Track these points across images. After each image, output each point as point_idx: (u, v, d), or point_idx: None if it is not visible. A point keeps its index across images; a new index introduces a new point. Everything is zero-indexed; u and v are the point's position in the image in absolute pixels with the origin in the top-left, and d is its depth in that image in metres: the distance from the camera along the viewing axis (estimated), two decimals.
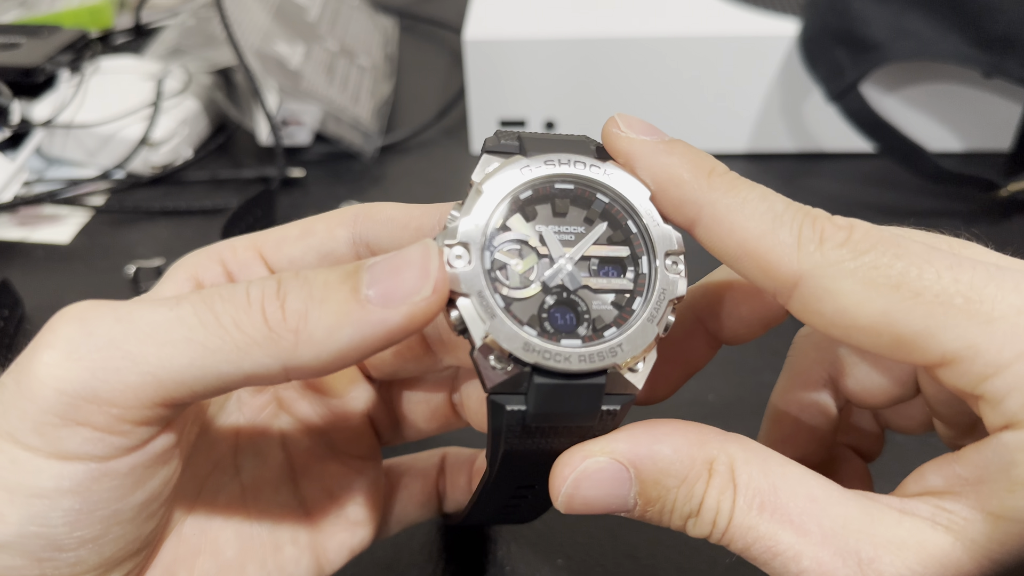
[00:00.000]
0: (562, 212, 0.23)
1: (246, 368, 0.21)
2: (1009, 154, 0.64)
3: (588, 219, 0.24)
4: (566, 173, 0.23)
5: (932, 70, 0.60)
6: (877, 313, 0.20)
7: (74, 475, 0.21)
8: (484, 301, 0.22)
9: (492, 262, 0.22)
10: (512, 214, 0.23)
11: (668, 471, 0.22)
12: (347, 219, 0.27)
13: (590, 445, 0.23)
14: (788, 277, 0.21)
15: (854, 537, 0.21)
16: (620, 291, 0.23)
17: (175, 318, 0.21)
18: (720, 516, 0.22)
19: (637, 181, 0.23)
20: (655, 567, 0.36)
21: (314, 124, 0.64)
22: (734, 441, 0.23)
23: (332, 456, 0.32)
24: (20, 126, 0.59)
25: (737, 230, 0.21)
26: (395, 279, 0.21)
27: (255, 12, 0.66)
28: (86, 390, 0.21)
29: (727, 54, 0.61)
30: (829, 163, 0.64)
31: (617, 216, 0.24)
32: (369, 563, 0.36)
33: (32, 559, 0.22)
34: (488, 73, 0.62)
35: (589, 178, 0.23)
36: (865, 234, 0.21)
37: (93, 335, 0.21)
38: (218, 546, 0.28)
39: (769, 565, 0.21)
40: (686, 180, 0.22)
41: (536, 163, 0.23)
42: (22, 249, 0.57)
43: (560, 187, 0.23)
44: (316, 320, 0.21)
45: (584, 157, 0.24)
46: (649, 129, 0.23)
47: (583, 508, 0.23)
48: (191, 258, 0.28)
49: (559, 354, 0.21)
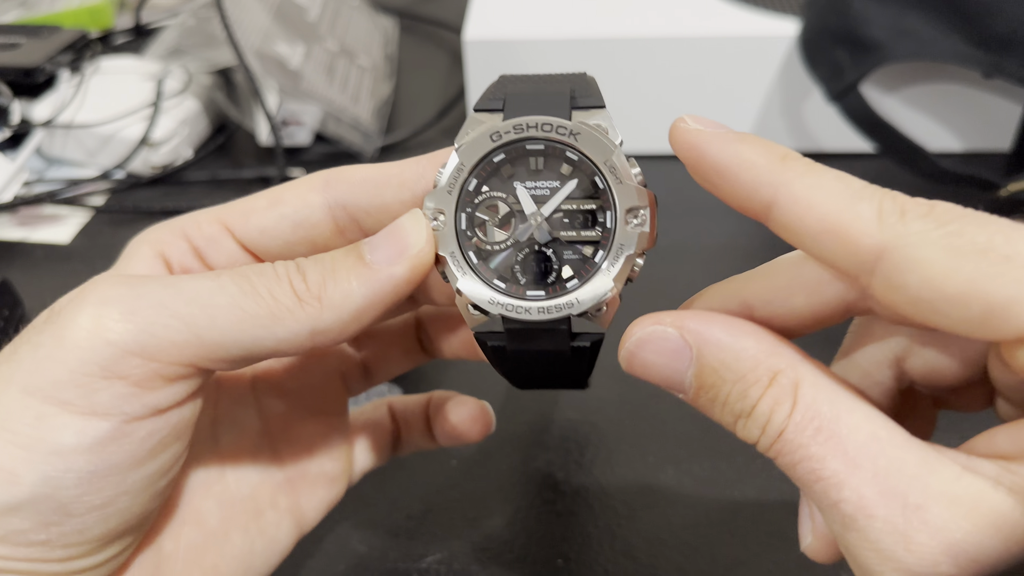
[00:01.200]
0: (536, 169, 0.25)
1: (279, 334, 0.23)
2: (1009, 154, 0.64)
3: (561, 174, 0.25)
4: (534, 137, 0.25)
5: (932, 70, 0.60)
6: (965, 281, 0.19)
7: (96, 432, 0.23)
8: (456, 260, 0.25)
9: (469, 221, 0.25)
10: (488, 176, 0.25)
11: (728, 364, 0.22)
12: (317, 184, 0.27)
13: (663, 314, 0.23)
14: (870, 250, 0.20)
15: (906, 482, 0.20)
16: (588, 242, 0.25)
17: (217, 287, 0.23)
18: (771, 425, 0.22)
19: (603, 141, 0.24)
20: (655, 567, 0.36)
21: (314, 124, 0.64)
22: (809, 364, 0.22)
23: (308, 417, 0.33)
24: (20, 126, 0.59)
25: (816, 206, 0.21)
26: (392, 241, 0.24)
27: (255, 12, 0.66)
28: (135, 343, 0.22)
29: (727, 54, 0.61)
30: (829, 163, 0.62)
31: (587, 172, 0.25)
32: (369, 564, 0.36)
33: (40, 523, 0.23)
34: (488, 73, 0.62)
35: (558, 140, 0.25)
36: (948, 208, 0.20)
37: (143, 296, 0.23)
38: (201, 516, 0.29)
39: (810, 488, 0.21)
40: (760, 164, 0.22)
41: (505, 128, 0.25)
42: (22, 249, 0.57)
43: (531, 147, 0.25)
44: (333, 287, 0.24)
45: (553, 118, 0.25)
46: (717, 124, 0.24)
47: (641, 370, 0.24)
48: (152, 233, 0.28)
49: (520, 307, 0.24)
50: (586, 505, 0.39)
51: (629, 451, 0.41)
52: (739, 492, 0.39)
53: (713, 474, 0.40)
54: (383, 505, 0.39)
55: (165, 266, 0.28)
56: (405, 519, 0.38)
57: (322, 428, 0.33)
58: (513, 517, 0.38)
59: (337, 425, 0.33)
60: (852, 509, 0.20)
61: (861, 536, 0.20)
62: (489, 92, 0.26)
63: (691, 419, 0.43)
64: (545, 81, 0.26)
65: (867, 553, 0.20)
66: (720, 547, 0.37)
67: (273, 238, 0.27)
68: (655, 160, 0.65)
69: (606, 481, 0.40)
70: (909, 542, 0.19)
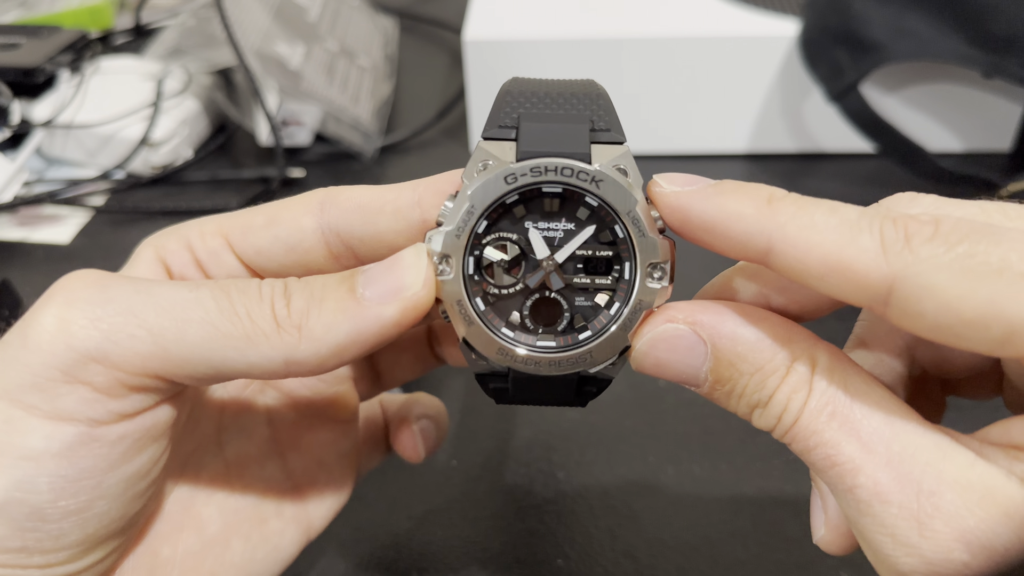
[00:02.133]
0: (551, 211, 0.24)
1: (251, 358, 0.22)
2: (1009, 154, 0.64)
3: (578, 218, 0.24)
4: (552, 181, 0.23)
5: (932, 70, 0.60)
6: (983, 303, 0.18)
7: (64, 437, 0.22)
8: (464, 309, 0.23)
9: (479, 263, 0.24)
10: (500, 217, 0.24)
11: (745, 357, 0.22)
12: (313, 207, 0.26)
13: (674, 310, 0.23)
14: (880, 283, 0.20)
15: (920, 468, 0.20)
16: (602, 291, 0.24)
17: (194, 299, 0.22)
18: (787, 414, 0.22)
19: (626, 190, 0.23)
20: (655, 567, 0.36)
21: (314, 124, 0.64)
22: (824, 347, 0.22)
23: (319, 425, 0.32)
24: (20, 126, 0.59)
25: (816, 247, 0.20)
26: (389, 278, 0.22)
27: (255, 12, 0.66)
28: (97, 350, 0.22)
29: (727, 54, 0.61)
30: (829, 163, 0.64)
31: (605, 219, 0.24)
32: (368, 564, 0.36)
33: (15, 528, 0.22)
34: (488, 73, 0.62)
35: (577, 187, 0.23)
36: (954, 226, 0.20)
37: (113, 301, 0.22)
38: (201, 522, 0.29)
39: (825, 473, 0.21)
40: (748, 213, 0.21)
41: (522, 171, 0.23)
42: (22, 249, 0.57)
43: (548, 190, 0.24)
44: (316, 317, 0.22)
45: (574, 163, 0.23)
46: (692, 179, 0.23)
47: (654, 369, 0.23)
48: (159, 239, 0.28)
49: (530, 359, 0.23)
50: (586, 505, 0.39)
51: (629, 451, 0.41)
52: (739, 492, 0.39)
53: (713, 474, 0.40)
54: (383, 505, 0.39)
55: (166, 272, 0.27)
56: (405, 519, 0.38)
57: (332, 435, 0.32)
58: (513, 517, 0.38)
59: (348, 432, 0.33)
60: (867, 495, 0.20)
61: (876, 521, 0.20)
62: (496, 112, 0.24)
63: (691, 419, 0.43)
64: (559, 101, 0.24)
65: (882, 538, 0.20)
66: (720, 547, 0.37)
67: (268, 259, 0.27)
68: (656, 160, 0.65)
69: (606, 481, 0.40)
70: (924, 528, 0.20)
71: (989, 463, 0.20)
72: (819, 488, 0.26)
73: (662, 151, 0.65)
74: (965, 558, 0.19)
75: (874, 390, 0.22)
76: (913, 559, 0.20)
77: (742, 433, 0.42)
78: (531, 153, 0.23)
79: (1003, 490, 0.20)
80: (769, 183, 0.22)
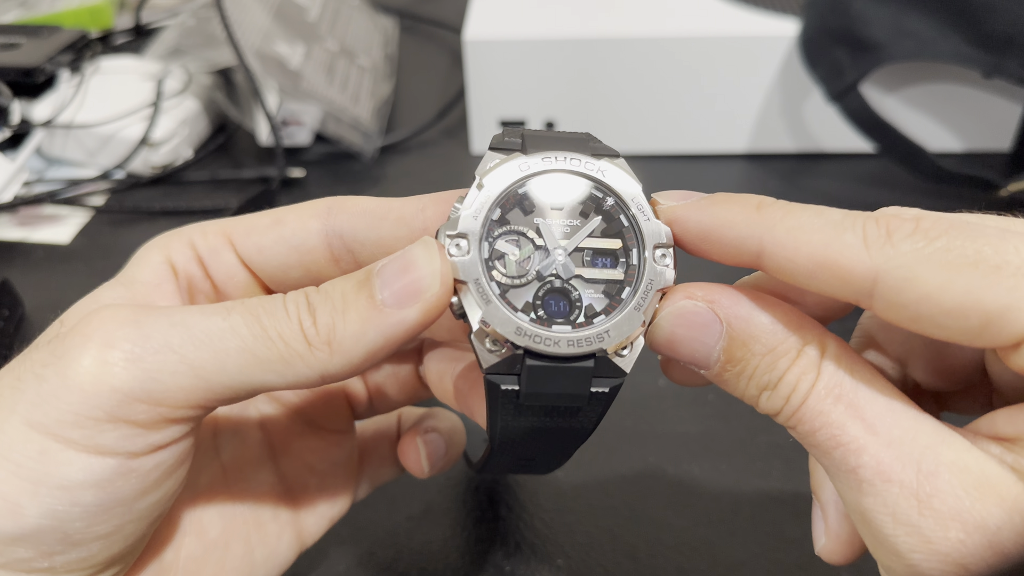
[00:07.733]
0: (559, 204, 0.25)
1: (289, 378, 0.23)
2: (1009, 154, 0.64)
3: (584, 212, 0.25)
4: (562, 169, 0.25)
5: (932, 70, 0.60)
6: (960, 293, 0.20)
7: (103, 470, 0.22)
8: (481, 288, 0.23)
9: (491, 252, 0.24)
10: (511, 207, 0.24)
11: (759, 338, 0.23)
12: (320, 211, 0.27)
13: (693, 287, 0.24)
14: (864, 277, 0.21)
15: (920, 450, 0.21)
16: (611, 281, 0.24)
17: (229, 328, 0.23)
18: (795, 395, 0.22)
19: (630, 178, 0.25)
20: (655, 567, 0.36)
21: (314, 124, 0.64)
22: (832, 337, 0.23)
23: (311, 432, 0.33)
24: (20, 126, 0.59)
25: (803, 245, 0.21)
26: (404, 280, 0.23)
27: (255, 12, 0.66)
28: (142, 391, 0.22)
29: (727, 54, 0.61)
30: (829, 163, 0.64)
31: (611, 210, 0.25)
32: (368, 564, 0.36)
33: (43, 552, 0.23)
34: (488, 73, 0.62)
35: (585, 174, 0.25)
36: (934, 222, 0.21)
37: (151, 338, 0.22)
38: (202, 526, 0.29)
39: (830, 455, 0.22)
40: (739, 220, 0.23)
41: (534, 160, 0.24)
42: (22, 249, 0.57)
43: (558, 181, 0.25)
44: (343, 331, 0.23)
45: (580, 155, 0.25)
46: (687, 194, 0.24)
47: (667, 345, 0.24)
48: (164, 239, 0.28)
49: (549, 338, 0.23)
50: (586, 505, 0.39)
51: (629, 451, 0.41)
52: (739, 492, 0.39)
53: (713, 474, 0.40)
54: (383, 505, 0.39)
55: (171, 271, 0.28)
56: (405, 519, 0.38)
57: (324, 444, 0.33)
58: (513, 517, 0.38)
59: (341, 442, 0.33)
60: (870, 474, 0.21)
61: (878, 501, 0.21)
62: (501, 135, 0.26)
63: (691, 419, 0.43)
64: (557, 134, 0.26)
65: (882, 517, 0.21)
66: (720, 547, 0.37)
67: (269, 259, 0.27)
68: (656, 160, 0.65)
69: (606, 481, 0.40)
70: (923, 506, 0.20)
71: (982, 451, 0.21)
72: (819, 499, 0.26)
73: (662, 151, 0.65)
74: (962, 536, 0.20)
75: (877, 379, 0.22)
76: (912, 538, 0.20)
77: (742, 433, 0.42)
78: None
79: (996, 474, 0.20)
80: (769, 183, 0.23)
